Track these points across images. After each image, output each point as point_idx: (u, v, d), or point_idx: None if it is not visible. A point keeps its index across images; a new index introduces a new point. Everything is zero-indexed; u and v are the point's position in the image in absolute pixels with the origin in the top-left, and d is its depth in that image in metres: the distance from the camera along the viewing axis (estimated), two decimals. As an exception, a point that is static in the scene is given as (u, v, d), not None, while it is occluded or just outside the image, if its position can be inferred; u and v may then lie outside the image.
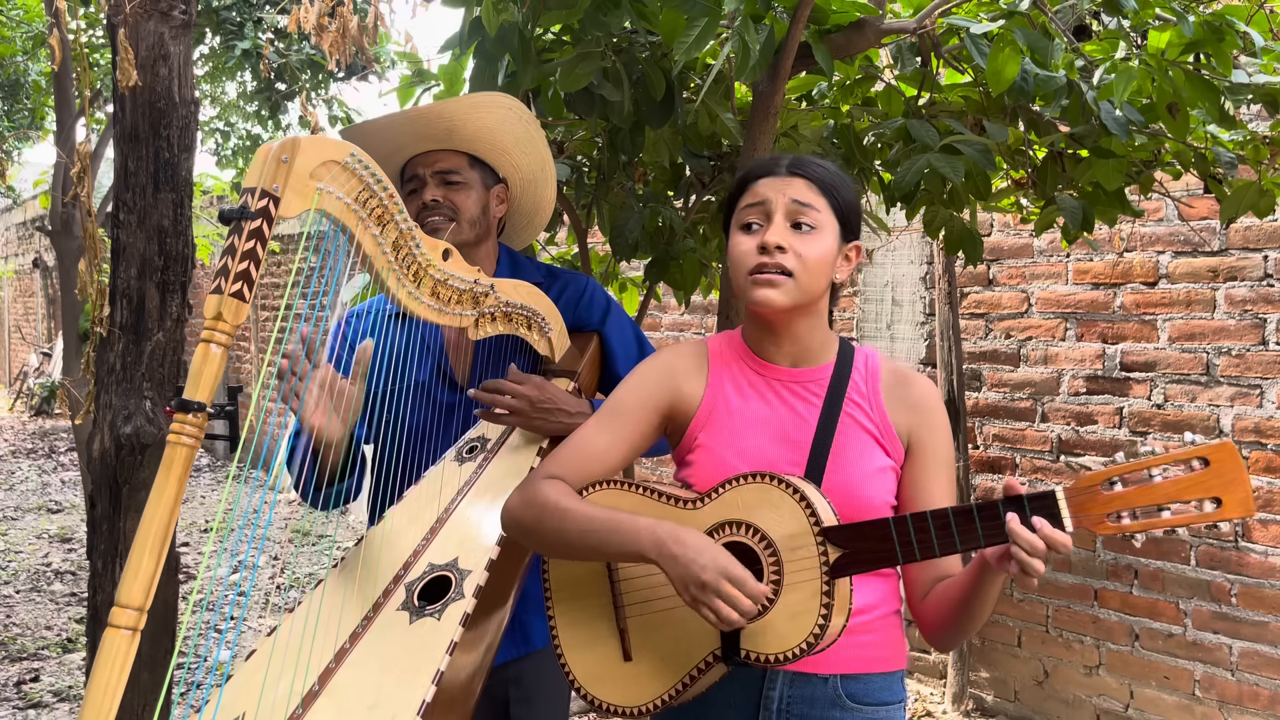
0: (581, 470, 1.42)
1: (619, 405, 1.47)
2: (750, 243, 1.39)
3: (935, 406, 1.46)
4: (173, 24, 1.97)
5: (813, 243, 1.38)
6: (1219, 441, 1.19)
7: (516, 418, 1.68)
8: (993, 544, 1.23)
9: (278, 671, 1.37)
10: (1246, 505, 1.16)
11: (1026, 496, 1.22)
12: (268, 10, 6.15)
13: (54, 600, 5.35)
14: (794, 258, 1.36)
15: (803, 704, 1.39)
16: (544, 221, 2.02)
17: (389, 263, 1.40)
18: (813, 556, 1.26)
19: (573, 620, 1.43)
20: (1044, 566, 1.20)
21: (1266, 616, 3.25)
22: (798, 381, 1.44)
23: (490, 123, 1.78)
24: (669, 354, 1.50)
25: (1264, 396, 3.26)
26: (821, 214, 1.38)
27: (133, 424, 1.95)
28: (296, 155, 1.19)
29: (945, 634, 1.41)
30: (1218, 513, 1.17)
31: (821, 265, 1.38)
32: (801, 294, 1.38)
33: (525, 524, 1.41)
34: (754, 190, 1.41)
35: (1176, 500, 1.18)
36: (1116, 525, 1.20)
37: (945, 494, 1.43)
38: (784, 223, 1.37)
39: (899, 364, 1.50)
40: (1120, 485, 1.20)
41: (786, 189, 1.39)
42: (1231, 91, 1.88)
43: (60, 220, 4.82)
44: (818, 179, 1.40)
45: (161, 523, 1.08)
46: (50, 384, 12.42)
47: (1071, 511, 1.21)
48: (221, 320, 1.12)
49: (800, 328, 1.43)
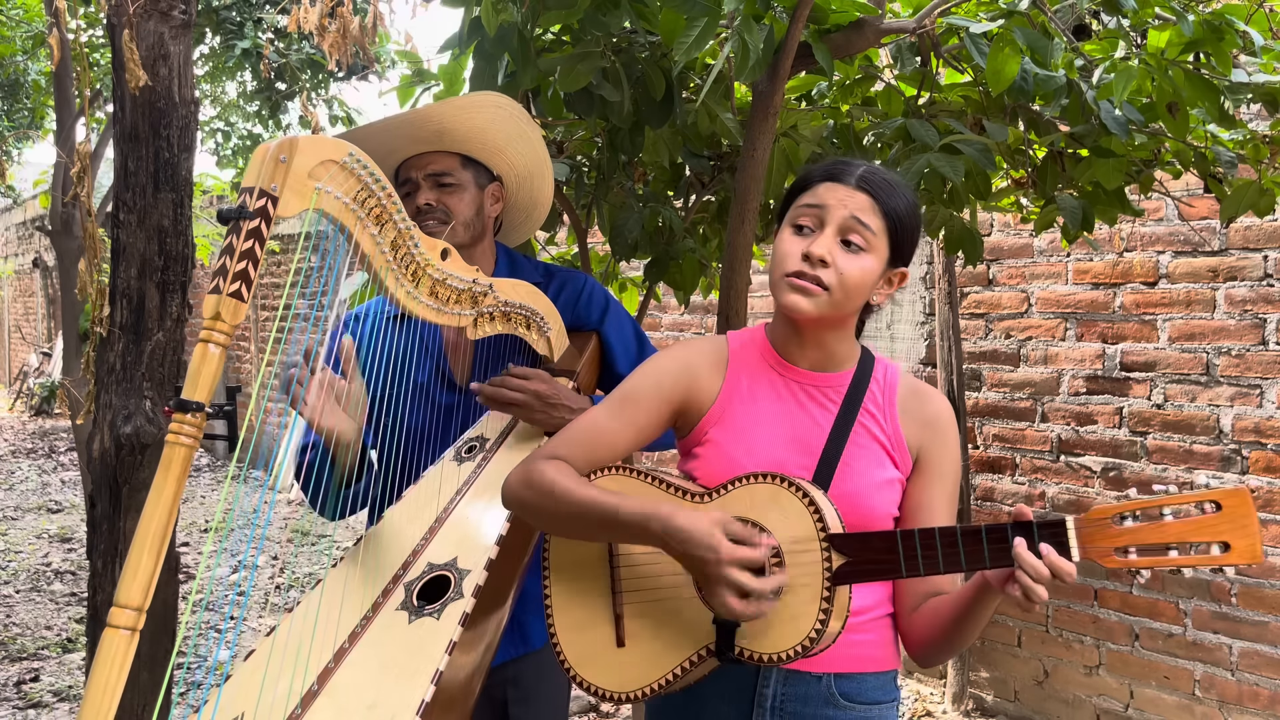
0: (587, 453, 1.42)
1: (633, 392, 1.45)
2: (796, 245, 1.36)
3: (949, 424, 1.46)
4: (173, 24, 1.97)
5: (857, 263, 1.35)
6: (1234, 487, 1.20)
7: (522, 410, 1.68)
8: (997, 566, 1.24)
9: (277, 671, 1.37)
10: (1254, 552, 1.17)
11: (1036, 523, 1.22)
12: (268, 10, 6.15)
13: (54, 600, 5.35)
14: (834, 274, 1.34)
15: (796, 701, 1.39)
16: (543, 215, 2.02)
17: (387, 262, 1.40)
18: (816, 562, 1.26)
19: (569, 601, 1.43)
20: (1046, 594, 1.20)
21: (1266, 616, 3.25)
22: (816, 385, 1.44)
23: (480, 122, 1.78)
24: (688, 348, 1.49)
25: (1264, 396, 3.26)
26: (876, 237, 1.36)
27: (133, 424, 1.95)
28: (295, 155, 1.19)
29: (931, 650, 1.41)
30: (1224, 557, 1.18)
31: (860, 287, 1.36)
32: (833, 309, 1.37)
33: (524, 501, 1.40)
34: (816, 192, 1.38)
35: (1185, 541, 1.19)
36: (1123, 560, 1.21)
37: (946, 512, 1.43)
38: (834, 236, 1.35)
39: (918, 380, 1.50)
40: (1131, 521, 1.21)
41: (849, 201, 1.35)
42: (1231, 91, 1.88)
43: (60, 220, 4.82)
44: (883, 198, 1.36)
45: (160, 523, 1.08)
46: (50, 384, 12.42)
47: (1080, 542, 1.21)
48: (220, 320, 1.12)
49: (826, 336, 1.42)
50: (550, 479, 1.37)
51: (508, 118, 1.79)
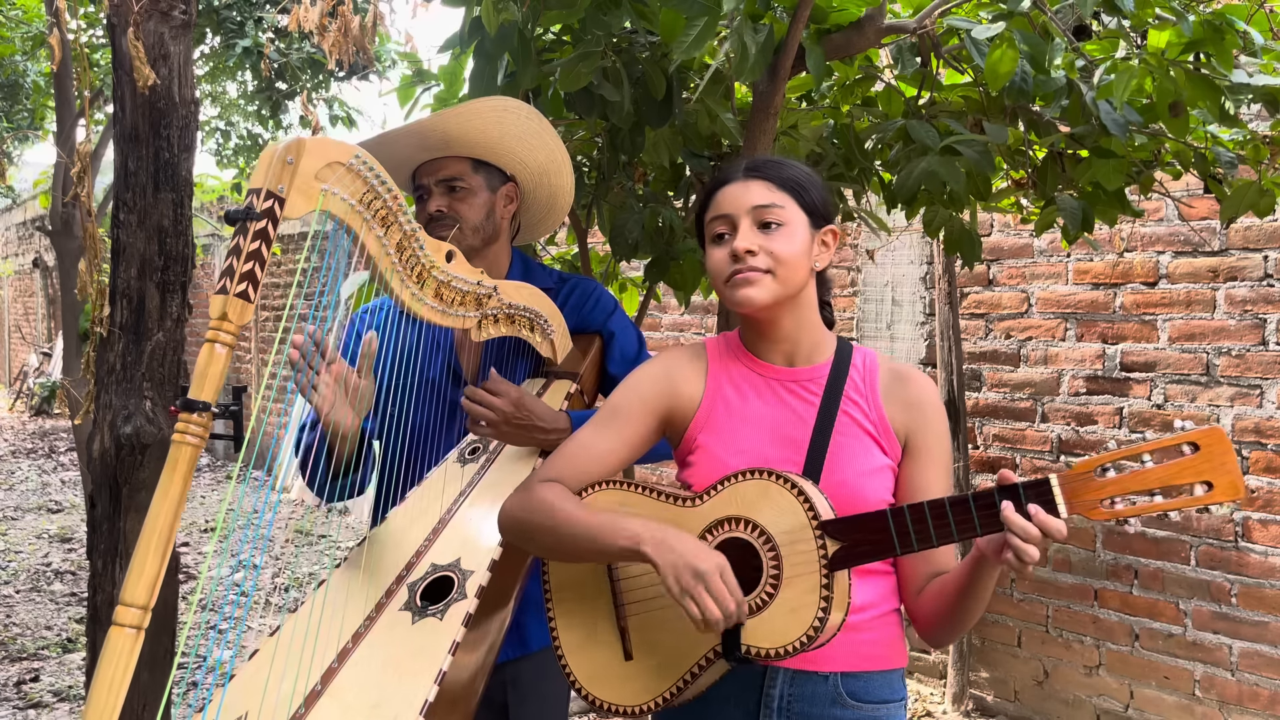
0: (580, 473, 1.43)
1: (617, 408, 1.47)
2: (721, 253, 1.41)
3: (933, 404, 1.47)
4: (173, 24, 1.97)
5: (782, 239, 1.39)
6: (1209, 427, 1.21)
7: (492, 430, 1.68)
8: (989, 532, 1.25)
9: (280, 671, 1.37)
10: (1236, 488, 1.19)
11: (1021, 484, 1.23)
12: (268, 9, 6.15)
13: (54, 600, 5.35)
14: (766, 257, 1.38)
15: (803, 702, 1.39)
16: (565, 209, 2.02)
17: (393, 264, 1.40)
18: (811, 551, 1.27)
19: (573, 621, 1.43)
20: (1038, 554, 1.22)
21: (1266, 616, 3.25)
22: (795, 380, 1.45)
23: (485, 124, 1.78)
24: (667, 357, 1.51)
25: (1264, 396, 3.26)
26: (786, 209, 1.40)
27: (133, 424, 1.95)
28: (301, 156, 1.20)
29: (940, 630, 1.42)
30: (1208, 496, 1.20)
31: (796, 258, 1.39)
32: (782, 288, 1.39)
33: (522, 527, 1.41)
34: (716, 202, 1.43)
35: (1168, 484, 1.21)
36: (1110, 511, 1.22)
37: (942, 491, 1.43)
38: (750, 227, 1.39)
39: (897, 363, 1.51)
40: (1113, 471, 1.23)
41: (746, 195, 1.40)
42: (1232, 91, 1.88)
43: (60, 220, 4.82)
44: (775, 177, 1.41)
45: (165, 522, 1.09)
46: (50, 384, 12.42)
47: (1065, 498, 1.23)
48: (226, 320, 1.12)
49: (788, 324, 1.44)
50: (549, 504, 1.38)
51: (516, 118, 1.80)
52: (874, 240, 4.16)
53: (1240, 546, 3.31)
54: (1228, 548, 3.34)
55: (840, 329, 4.53)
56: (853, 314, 4.49)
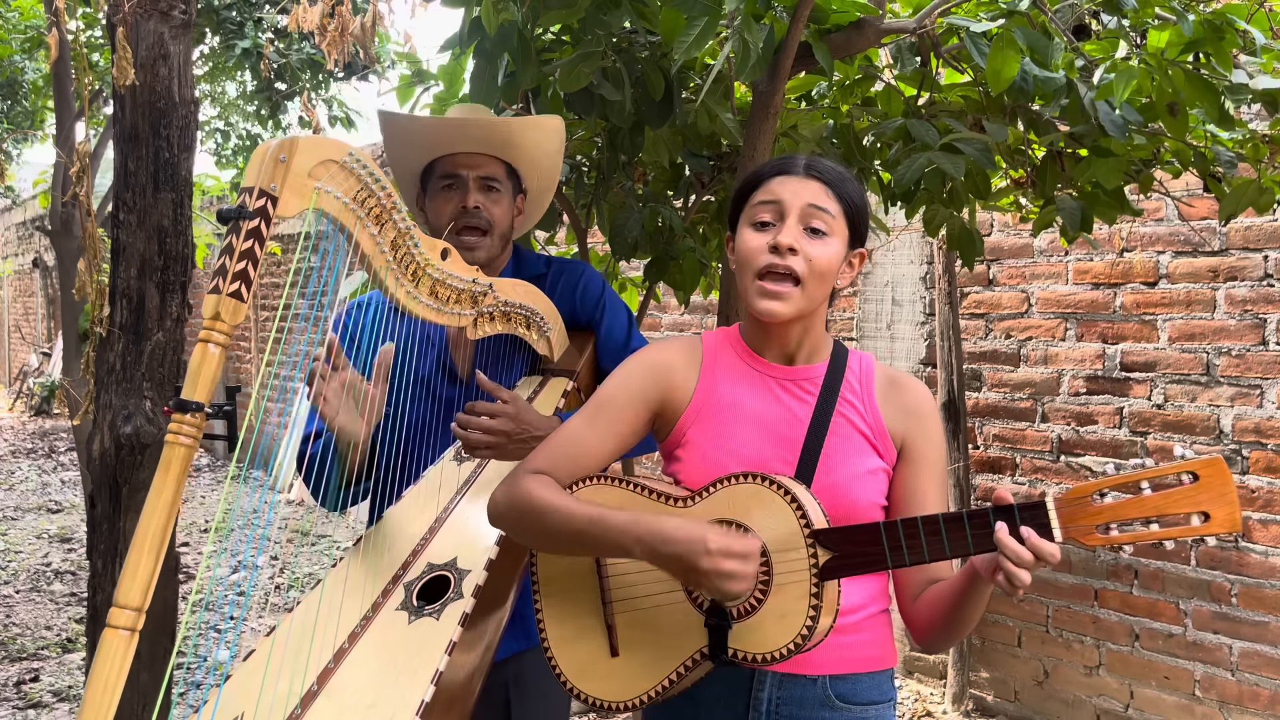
0: (569, 465, 1.41)
1: (608, 400, 1.44)
2: (762, 240, 1.37)
3: (930, 411, 1.46)
4: (173, 24, 1.97)
5: (823, 248, 1.37)
6: (1209, 457, 1.20)
7: (493, 452, 1.65)
8: (982, 551, 1.24)
9: (277, 671, 1.37)
10: (1234, 521, 1.17)
11: (1017, 506, 1.22)
12: (268, 10, 6.15)
13: (54, 600, 5.35)
14: (804, 261, 1.35)
15: (792, 704, 1.39)
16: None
17: (387, 262, 1.40)
18: (803, 559, 1.26)
19: (560, 615, 1.43)
20: (1029, 578, 1.20)
21: (1267, 616, 3.25)
22: (792, 379, 1.44)
23: (538, 138, 1.83)
24: (660, 349, 1.49)
25: (1264, 396, 3.26)
26: (835, 220, 1.38)
27: (132, 424, 1.95)
28: (294, 155, 1.19)
29: (934, 638, 1.41)
30: (1205, 527, 1.18)
31: (829, 272, 1.38)
32: (807, 302, 1.38)
33: (509, 519, 1.40)
34: (768, 188, 1.39)
35: (1165, 513, 1.19)
36: (1105, 537, 1.21)
37: (937, 499, 1.43)
38: (797, 225, 1.36)
39: (892, 369, 1.50)
40: (1110, 497, 1.21)
41: (804, 190, 1.37)
42: (1231, 92, 1.88)
43: (60, 220, 4.81)
44: (834, 183, 1.39)
45: (160, 523, 1.08)
46: (50, 384, 12.42)
47: (1061, 522, 1.22)
48: (219, 320, 1.12)
49: (797, 330, 1.43)
50: (535, 495, 1.36)
51: (556, 137, 1.85)
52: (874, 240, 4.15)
53: (1240, 546, 3.31)
54: (1228, 548, 3.34)
55: (840, 329, 4.53)
56: (853, 314, 4.49)
